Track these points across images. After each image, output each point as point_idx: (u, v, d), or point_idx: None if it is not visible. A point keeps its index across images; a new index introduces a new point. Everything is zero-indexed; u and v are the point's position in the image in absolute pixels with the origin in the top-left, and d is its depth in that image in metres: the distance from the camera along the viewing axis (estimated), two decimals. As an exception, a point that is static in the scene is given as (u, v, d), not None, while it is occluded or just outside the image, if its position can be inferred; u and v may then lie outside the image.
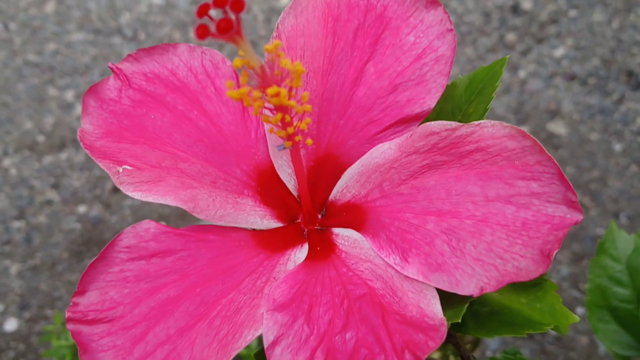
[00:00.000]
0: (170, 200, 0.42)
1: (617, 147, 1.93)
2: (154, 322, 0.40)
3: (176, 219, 1.80)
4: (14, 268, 1.86)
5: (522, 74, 2.06)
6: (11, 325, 1.77)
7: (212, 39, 0.33)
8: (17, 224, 1.94)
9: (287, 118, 0.38)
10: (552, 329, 0.45)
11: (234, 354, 0.37)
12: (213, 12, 0.34)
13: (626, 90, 2.04)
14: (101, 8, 2.32)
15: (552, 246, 0.37)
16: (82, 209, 1.93)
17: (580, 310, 1.62)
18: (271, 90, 0.36)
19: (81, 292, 0.40)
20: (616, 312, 0.75)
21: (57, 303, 1.81)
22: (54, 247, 1.90)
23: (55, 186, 1.98)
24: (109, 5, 2.33)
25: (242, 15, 0.34)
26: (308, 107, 0.38)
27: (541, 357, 1.61)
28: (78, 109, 2.09)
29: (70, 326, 0.39)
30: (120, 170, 0.42)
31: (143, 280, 0.41)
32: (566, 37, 2.18)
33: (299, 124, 0.39)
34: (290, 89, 0.37)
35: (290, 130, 0.39)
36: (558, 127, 2.01)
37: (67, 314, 0.39)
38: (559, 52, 2.15)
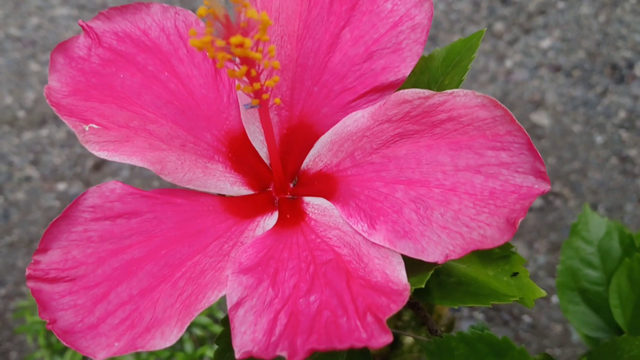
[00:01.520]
0: (136, 161, 0.41)
1: (599, 139, 1.94)
2: (116, 282, 0.39)
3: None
4: (-9, 244, 1.84)
5: (508, 63, 2.07)
6: (-14, 301, 1.75)
7: None
8: (-6, 200, 1.91)
9: (253, 72, 0.37)
10: (517, 300, 0.45)
11: (196, 314, 0.37)
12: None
13: (610, 84, 2.06)
14: (86, -17, 2.28)
15: (518, 214, 0.37)
16: (61, 186, 1.91)
17: (555, 298, 1.64)
18: (234, 40, 0.35)
19: (43, 250, 0.40)
20: (586, 294, 0.76)
21: (33, 279, 1.79)
22: (32, 224, 1.88)
23: (35, 162, 1.96)
24: (94, -20, 2.29)
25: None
26: (276, 63, 0.37)
27: (515, 343, 1.63)
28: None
29: (30, 284, 0.39)
30: (87, 128, 0.41)
31: (107, 240, 0.40)
32: (553, 29, 2.19)
33: (267, 82, 0.38)
34: (257, 42, 0.36)
35: (256, 85, 0.38)
36: (541, 118, 2.02)
37: (27, 272, 0.39)
38: (545, 43, 2.16)
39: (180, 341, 1.22)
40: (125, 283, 0.39)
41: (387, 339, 0.33)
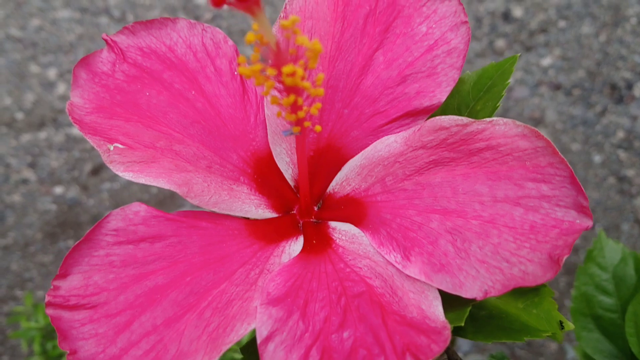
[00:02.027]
0: (163, 183, 0.40)
1: (597, 158, 1.94)
2: (140, 310, 0.37)
3: (155, 206, 1.77)
4: (-16, 247, 1.81)
5: (509, 80, 2.07)
6: (-22, 305, 1.73)
7: (227, 4, 0.31)
8: (-11, 202, 1.89)
9: (300, 101, 0.36)
10: (549, 336, 0.44)
11: (224, 349, 0.35)
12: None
13: (609, 103, 2.06)
14: (88, -14, 2.27)
15: (562, 251, 0.36)
16: (58, 190, 1.89)
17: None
18: (287, 69, 0.33)
19: (63, 275, 0.38)
20: (600, 321, 0.74)
21: (27, 284, 1.77)
22: (28, 227, 1.85)
23: (32, 165, 1.93)
24: (96, -16, 2.28)
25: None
26: (321, 90, 0.35)
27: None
28: (60, 88, 2.04)
29: (50, 311, 0.37)
30: (111, 148, 0.39)
31: (130, 265, 0.39)
32: (554, 47, 2.19)
33: (309, 109, 0.37)
34: (305, 69, 0.34)
35: (300, 114, 0.36)
36: (541, 136, 2.01)
37: (47, 298, 0.37)
38: (546, 61, 2.16)
39: None
40: (149, 312, 0.37)
41: (428, 382, 0.32)
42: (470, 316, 0.44)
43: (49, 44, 2.13)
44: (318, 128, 0.39)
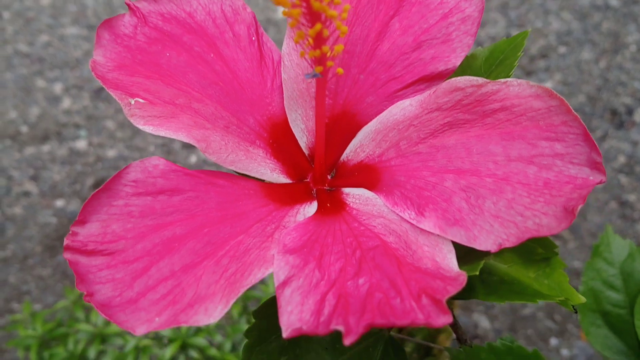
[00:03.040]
0: (182, 137, 0.40)
1: (599, 182, 1.95)
2: (157, 257, 0.37)
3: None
4: (-16, 258, 1.80)
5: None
6: (-25, 316, 1.71)
7: None
8: (-9, 213, 1.89)
9: (325, 32, 0.36)
10: (561, 301, 0.44)
11: (242, 290, 0.35)
12: None
13: (610, 128, 2.08)
14: (98, 4, 2.31)
15: (577, 202, 0.36)
16: (59, 203, 1.89)
17: (554, 340, 1.61)
18: None
19: (81, 222, 0.38)
20: (608, 317, 0.74)
21: (24, 297, 1.76)
22: (28, 239, 1.85)
23: (35, 178, 1.94)
24: (105, 2, 2.32)
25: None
26: (345, 28, 0.36)
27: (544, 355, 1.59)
28: (65, 103, 2.06)
29: (67, 255, 0.37)
30: (132, 102, 0.40)
31: (148, 216, 0.39)
32: (555, 72, 2.22)
33: (335, 47, 0.38)
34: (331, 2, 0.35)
35: (325, 49, 0.37)
36: (542, 159, 2.02)
37: (65, 242, 0.37)
38: (547, 86, 2.18)
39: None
40: (167, 259, 0.37)
41: (446, 319, 0.32)
42: (482, 280, 0.44)
43: (56, 59, 2.16)
44: (340, 70, 0.39)
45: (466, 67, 0.50)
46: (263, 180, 0.45)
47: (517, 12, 2.36)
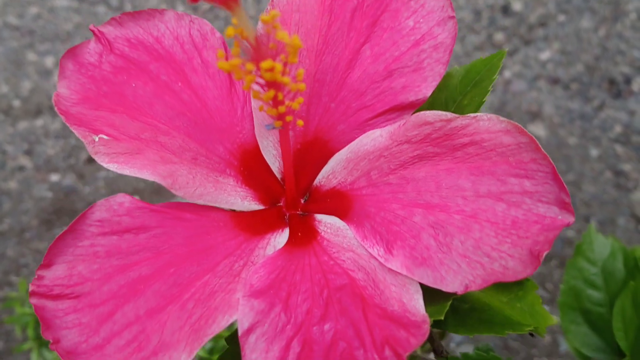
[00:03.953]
0: (147, 175, 0.40)
1: (594, 152, 1.95)
2: (123, 301, 0.38)
3: (150, 194, 1.77)
4: (-20, 233, 1.82)
5: (507, 74, 2.06)
6: (-26, 290, 1.73)
7: (205, 2, 0.31)
8: (-15, 189, 1.89)
9: (280, 96, 0.36)
10: (531, 330, 0.44)
11: (206, 340, 0.35)
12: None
13: (607, 98, 2.06)
14: (86, -26, 2.26)
15: (542, 247, 0.36)
16: (54, 177, 1.89)
17: (545, 308, 1.63)
18: (265, 64, 0.33)
19: (47, 264, 0.38)
20: (588, 315, 0.75)
21: (22, 270, 1.77)
22: (24, 213, 1.85)
23: (29, 152, 1.93)
24: (94, -28, 2.26)
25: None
26: (302, 85, 0.36)
27: (503, 352, 1.62)
28: (57, 76, 2.03)
29: (33, 300, 0.37)
30: (96, 139, 0.40)
31: (114, 256, 0.39)
32: (553, 41, 2.19)
33: (290, 103, 0.37)
34: (285, 65, 0.34)
35: (281, 109, 0.37)
36: (538, 129, 2.02)
37: (30, 288, 0.37)
38: (545, 55, 2.16)
39: None
40: (132, 302, 0.37)
41: (406, 374, 0.32)
42: (452, 309, 0.44)
43: (47, 32, 2.13)
44: (300, 123, 0.39)
45: (442, 87, 0.49)
46: (234, 210, 0.45)
47: (515, -21, 2.31)
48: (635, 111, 2.06)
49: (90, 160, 1.90)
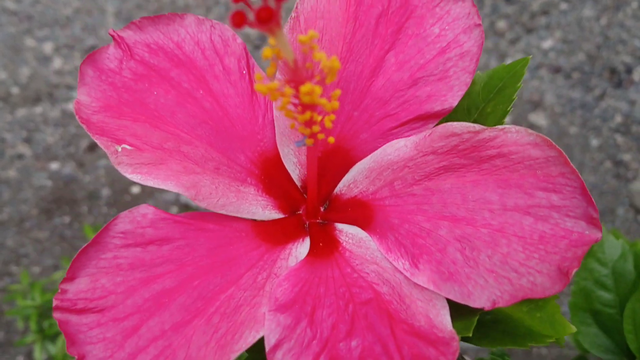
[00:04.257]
0: (171, 186, 0.39)
1: (594, 142, 1.95)
2: (148, 314, 0.37)
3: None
4: (-20, 222, 1.81)
5: (509, 62, 2.05)
6: (-26, 279, 1.73)
7: (249, 27, 0.30)
8: (-16, 177, 1.88)
9: (316, 117, 0.35)
10: (553, 342, 0.44)
11: (233, 357, 0.35)
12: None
13: (608, 87, 2.05)
14: (85, -42, 2.22)
15: (571, 264, 0.36)
16: (54, 165, 1.87)
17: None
18: (305, 88, 0.33)
19: (70, 278, 0.37)
20: (598, 316, 0.75)
21: (22, 260, 1.77)
22: (23, 202, 1.84)
23: (28, 140, 1.92)
24: (93, -44, 2.23)
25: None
26: (336, 104, 0.35)
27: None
28: (56, 62, 2.01)
29: (57, 315, 0.37)
30: (119, 149, 0.39)
31: (138, 268, 0.38)
32: (555, 30, 2.18)
33: (326, 123, 0.36)
34: (322, 86, 0.34)
35: (315, 128, 0.36)
36: (539, 119, 2.01)
37: (54, 302, 0.37)
38: (546, 43, 2.15)
39: None
40: (157, 316, 0.37)
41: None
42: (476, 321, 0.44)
43: (45, 17, 2.10)
44: (332, 140, 0.38)
45: (465, 94, 0.48)
46: (255, 220, 0.44)
47: (519, -33, 2.29)
48: (635, 101, 2.05)
49: (90, 149, 1.89)
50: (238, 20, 0.29)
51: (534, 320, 0.45)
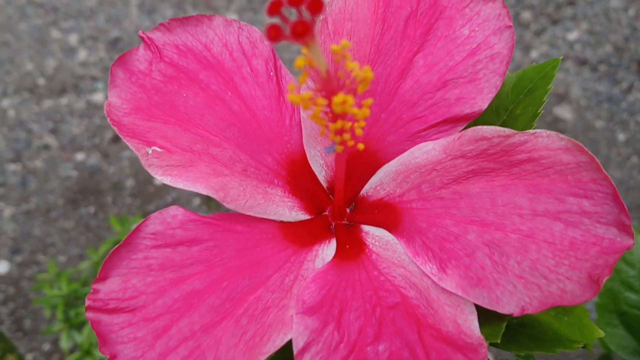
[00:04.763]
0: (201, 188, 0.40)
1: (621, 136, 1.91)
2: (178, 315, 0.38)
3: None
4: (8, 211, 1.84)
5: (534, 54, 2.02)
6: (2, 267, 1.76)
7: (285, 40, 0.30)
8: (12, 167, 1.91)
9: (347, 125, 0.35)
10: (581, 347, 0.44)
11: (262, 359, 0.35)
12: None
13: (635, 80, 2.02)
14: (109, -50, 2.24)
15: (602, 271, 0.36)
16: (79, 156, 1.90)
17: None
18: (338, 99, 0.33)
19: (102, 278, 0.38)
20: (625, 317, 0.74)
21: (49, 249, 1.80)
22: (50, 192, 1.87)
23: (54, 131, 1.94)
24: (117, -52, 2.24)
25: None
26: (367, 111, 0.35)
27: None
28: (81, 54, 2.03)
29: (89, 314, 0.37)
30: (150, 151, 0.39)
31: (168, 269, 0.39)
32: (581, 21, 2.14)
33: (357, 131, 0.36)
34: (354, 95, 0.34)
35: (346, 136, 0.36)
36: (564, 112, 1.99)
37: (87, 302, 0.37)
38: (572, 35, 2.11)
39: None
40: (187, 317, 0.38)
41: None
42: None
43: (70, 9, 2.12)
44: (361, 146, 0.38)
45: (493, 95, 0.48)
46: (282, 221, 0.45)
47: (545, -42, 2.25)
48: (664, 94, 2.01)
49: (115, 140, 1.91)
50: (274, 34, 0.29)
51: (562, 325, 0.45)
